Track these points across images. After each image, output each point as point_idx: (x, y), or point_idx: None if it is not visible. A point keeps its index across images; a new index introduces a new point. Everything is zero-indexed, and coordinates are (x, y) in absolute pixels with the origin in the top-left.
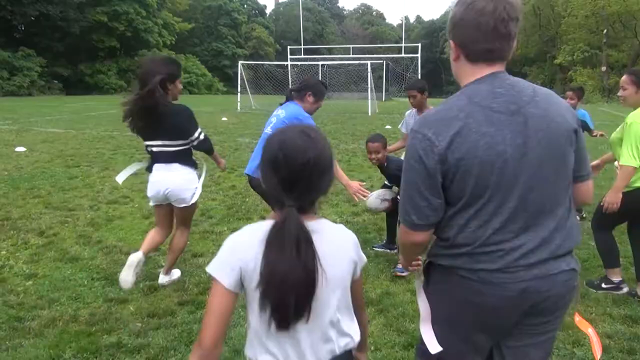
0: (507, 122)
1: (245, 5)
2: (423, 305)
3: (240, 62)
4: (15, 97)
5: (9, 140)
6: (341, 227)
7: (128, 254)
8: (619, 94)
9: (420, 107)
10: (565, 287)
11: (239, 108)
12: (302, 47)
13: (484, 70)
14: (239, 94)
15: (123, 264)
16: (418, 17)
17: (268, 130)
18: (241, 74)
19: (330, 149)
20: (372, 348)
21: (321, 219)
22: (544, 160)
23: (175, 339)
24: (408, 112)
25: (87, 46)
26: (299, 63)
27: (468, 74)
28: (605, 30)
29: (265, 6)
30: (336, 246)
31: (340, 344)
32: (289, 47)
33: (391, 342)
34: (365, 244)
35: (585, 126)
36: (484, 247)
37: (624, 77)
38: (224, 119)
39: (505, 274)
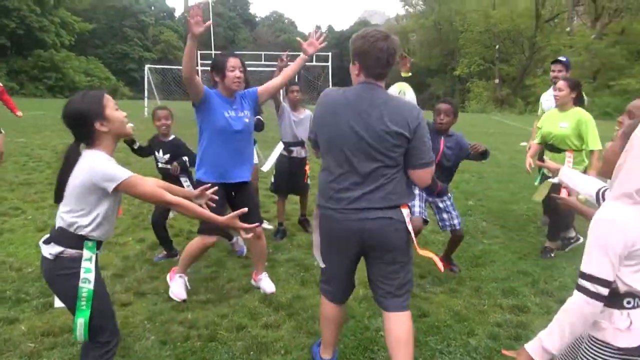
0: (352, 112)
1: (152, 7)
2: (315, 237)
3: (147, 66)
4: None
5: None
6: (89, 157)
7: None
8: (556, 94)
9: (296, 105)
10: (382, 229)
11: (146, 114)
12: (213, 52)
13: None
14: (146, 99)
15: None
16: (329, 27)
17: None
18: (148, 78)
19: (83, 105)
20: (283, 352)
21: (92, 150)
22: (366, 143)
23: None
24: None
25: None
26: (209, 68)
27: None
28: (497, 46)
29: (174, 9)
30: (80, 167)
31: (58, 220)
32: (199, 52)
33: (301, 344)
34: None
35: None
36: (334, 194)
37: (561, 82)
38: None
39: (342, 213)
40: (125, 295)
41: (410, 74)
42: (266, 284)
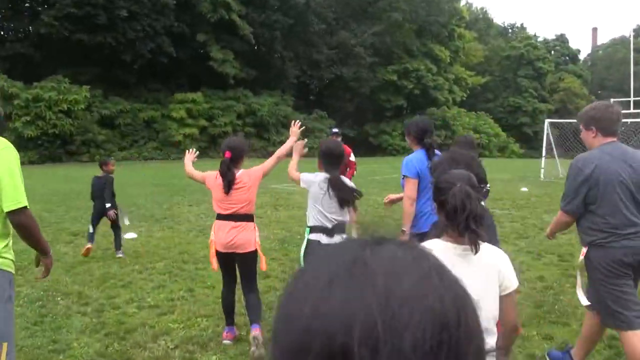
0: (623, 164)
1: (552, 52)
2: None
3: (547, 120)
4: (305, 158)
5: (301, 202)
6: None
7: None
8: None
9: None
10: None
11: (542, 176)
12: (632, 99)
13: (608, 139)
14: (543, 158)
15: None
16: None
17: None
18: (547, 133)
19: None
20: None
21: None
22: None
23: None
24: None
25: (374, 106)
26: (629, 120)
27: (600, 142)
28: None
29: (578, 51)
30: None
31: None
32: (611, 99)
33: None
34: None
35: None
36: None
37: None
38: (524, 189)
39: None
40: None
41: None
42: None
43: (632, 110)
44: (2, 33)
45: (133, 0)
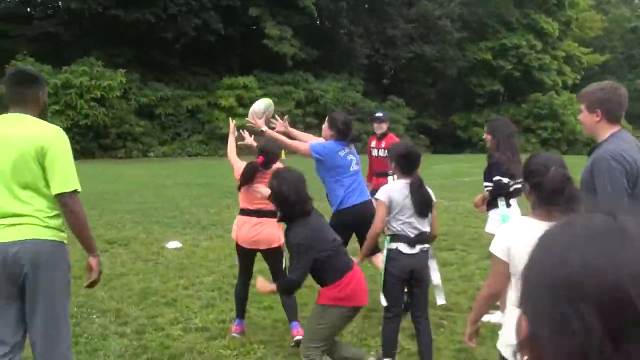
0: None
1: None
2: None
3: None
4: None
5: None
6: None
7: None
8: None
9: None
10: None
11: None
12: None
13: (616, 127)
14: None
15: None
16: None
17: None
18: None
19: None
20: None
21: None
22: None
23: None
24: None
25: (463, 91)
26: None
27: (606, 129)
28: None
29: None
30: None
31: None
32: None
33: None
34: None
35: None
36: None
37: None
38: None
39: None
40: None
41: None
42: None
43: None
44: (28, 10)
45: None
